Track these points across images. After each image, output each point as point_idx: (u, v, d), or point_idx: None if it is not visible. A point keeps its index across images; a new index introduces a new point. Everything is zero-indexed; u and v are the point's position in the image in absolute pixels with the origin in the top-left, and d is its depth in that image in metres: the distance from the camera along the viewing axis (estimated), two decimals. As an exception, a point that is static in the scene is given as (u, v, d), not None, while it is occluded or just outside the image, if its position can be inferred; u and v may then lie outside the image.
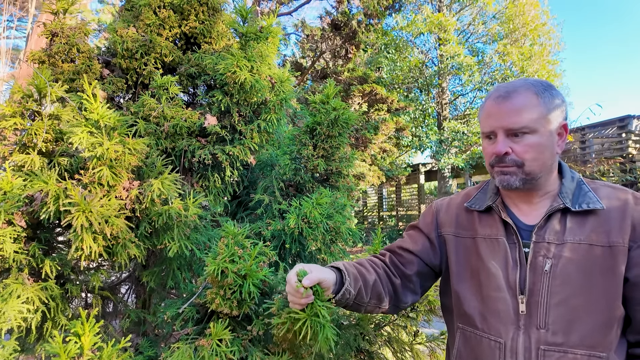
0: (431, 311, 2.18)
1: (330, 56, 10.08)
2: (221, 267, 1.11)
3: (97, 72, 1.64)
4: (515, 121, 0.88)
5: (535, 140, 0.89)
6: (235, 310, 1.15)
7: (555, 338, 0.85)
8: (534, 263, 0.89)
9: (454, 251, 1.03)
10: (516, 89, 0.91)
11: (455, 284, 1.01)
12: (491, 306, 0.92)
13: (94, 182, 1.21)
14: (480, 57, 11.31)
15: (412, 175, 12.30)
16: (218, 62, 1.69)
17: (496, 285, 0.92)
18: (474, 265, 0.98)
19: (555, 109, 0.91)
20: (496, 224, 0.97)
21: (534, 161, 0.89)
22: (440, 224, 1.08)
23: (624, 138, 7.03)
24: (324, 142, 1.72)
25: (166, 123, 1.59)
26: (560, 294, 0.86)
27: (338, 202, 1.58)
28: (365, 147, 9.50)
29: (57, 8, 1.66)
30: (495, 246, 0.95)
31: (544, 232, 0.90)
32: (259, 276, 1.15)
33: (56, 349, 0.97)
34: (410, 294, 1.07)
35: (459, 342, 1.00)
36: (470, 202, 1.04)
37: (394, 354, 2.09)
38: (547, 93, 0.91)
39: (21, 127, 1.31)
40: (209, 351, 1.08)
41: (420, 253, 1.07)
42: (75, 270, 1.40)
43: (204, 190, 1.73)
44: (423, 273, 1.08)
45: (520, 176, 0.90)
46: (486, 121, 0.94)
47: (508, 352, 0.88)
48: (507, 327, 0.89)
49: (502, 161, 0.91)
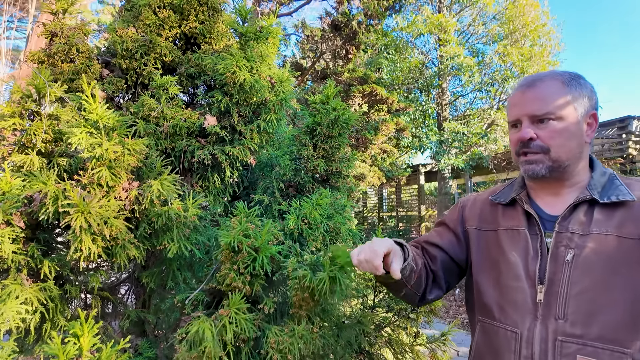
0: (432, 312, 2.17)
1: (330, 57, 10.08)
2: (236, 240, 1.14)
3: (96, 72, 1.64)
4: (539, 107, 0.87)
5: (561, 126, 0.87)
6: (247, 286, 1.17)
7: (574, 329, 0.82)
8: (555, 253, 0.87)
9: (475, 243, 1.02)
10: (541, 77, 0.91)
11: (476, 275, 1.00)
12: (508, 296, 0.91)
13: (93, 183, 1.21)
14: (481, 58, 11.31)
15: (412, 175, 12.29)
16: (218, 62, 1.69)
17: (515, 275, 0.90)
18: (494, 257, 0.97)
19: (582, 97, 0.89)
20: (518, 216, 0.95)
21: (560, 147, 0.87)
22: (465, 219, 1.08)
23: (624, 139, 7.02)
24: (324, 143, 1.71)
25: (166, 123, 1.59)
26: (581, 284, 0.83)
27: (338, 202, 1.57)
28: (366, 147, 9.50)
29: (56, 8, 1.66)
30: (516, 237, 0.93)
31: (567, 223, 0.88)
32: (271, 250, 1.19)
33: (55, 350, 0.97)
34: (436, 289, 1.06)
35: (478, 335, 0.98)
36: (496, 195, 1.03)
37: (394, 355, 2.08)
38: (574, 82, 0.90)
39: (20, 127, 1.30)
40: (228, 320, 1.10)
41: (446, 247, 1.07)
42: (74, 271, 1.40)
43: (204, 190, 1.72)
44: (448, 268, 1.07)
45: (547, 163, 0.88)
46: (511, 110, 0.94)
47: (524, 342, 0.86)
48: (524, 317, 0.87)
49: (527, 147, 0.90)
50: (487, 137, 9.85)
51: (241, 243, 1.16)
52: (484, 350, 0.96)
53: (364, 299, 2.27)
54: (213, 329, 1.09)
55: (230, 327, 1.10)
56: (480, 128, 10.25)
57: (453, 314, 6.06)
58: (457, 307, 6.23)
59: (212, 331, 1.07)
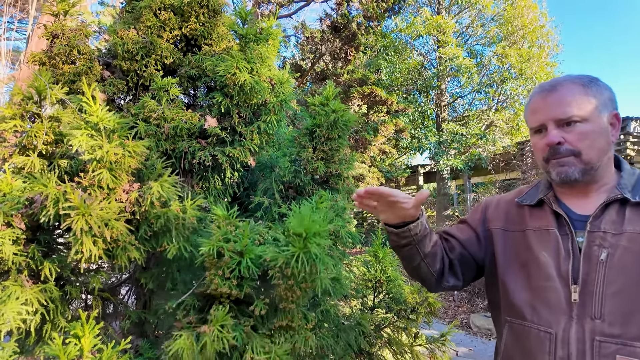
0: (431, 313, 2.18)
1: (330, 58, 10.10)
2: (216, 246, 1.11)
3: (97, 74, 1.65)
4: (564, 111, 0.87)
5: (588, 128, 0.87)
6: (235, 290, 1.15)
7: (612, 329, 0.80)
8: (588, 253, 0.85)
9: (501, 244, 1.01)
10: (560, 82, 0.91)
11: (502, 275, 0.99)
12: (541, 296, 0.89)
13: (94, 185, 1.21)
14: (479, 59, 11.34)
15: (411, 176, 12.31)
16: (218, 63, 1.69)
17: (546, 275, 0.89)
18: (523, 257, 0.95)
19: (603, 98, 0.89)
20: (547, 216, 0.94)
21: (590, 149, 0.87)
22: (489, 220, 1.07)
23: (622, 140, 7.04)
24: (323, 145, 1.72)
25: (166, 125, 1.59)
26: (617, 283, 0.82)
27: (338, 205, 1.58)
28: (365, 148, 9.51)
29: (57, 10, 1.66)
30: (546, 237, 0.92)
31: (599, 222, 0.87)
32: (255, 252, 1.15)
33: (56, 351, 0.97)
34: (453, 277, 1.06)
35: (507, 336, 0.96)
36: (522, 197, 1.02)
37: (394, 356, 2.08)
38: (593, 84, 0.90)
39: (21, 129, 1.31)
40: (211, 337, 1.08)
41: (464, 241, 1.07)
42: (75, 272, 1.40)
43: (204, 191, 1.72)
44: (465, 261, 1.07)
45: (579, 166, 0.87)
46: (533, 116, 0.93)
47: (559, 343, 0.84)
48: (559, 317, 0.86)
49: (556, 152, 0.89)
50: (485, 138, 9.87)
51: (222, 248, 1.12)
52: (514, 352, 0.94)
53: (364, 299, 2.28)
54: (194, 346, 1.08)
55: (213, 345, 1.08)
56: (478, 129, 10.28)
57: (452, 314, 6.07)
58: (456, 308, 6.23)
59: (195, 349, 1.07)
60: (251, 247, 1.15)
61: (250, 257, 1.14)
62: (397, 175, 10.77)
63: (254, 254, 1.15)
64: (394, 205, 0.92)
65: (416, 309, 2.13)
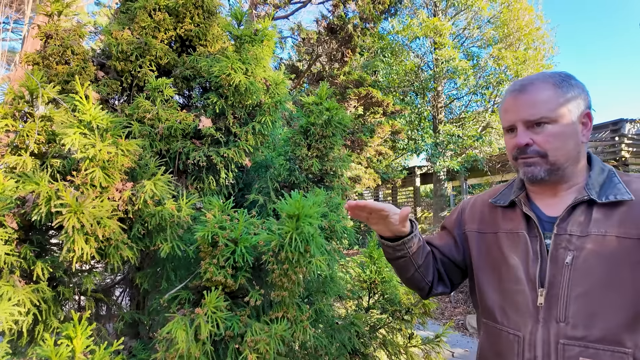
0: (426, 314, 2.18)
1: (326, 59, 10.11)
2: (211, 232, 1.12)
3: (91, 74, 1.64)
4: (533, 112, 0.88)
5: (556, 130, 0.87)
6: (230, 280, 1.15)
7: (575, 332, 0.82)
8: (555, 255, 0.86)
9: (476, 247, 1.03)
10: (532, 81, 0.91)
11: (477, 277, 1.01)
12: (510, 299, 0.91)
13: (87, 184, 1.21)
14: (475, 61, 11.39)
15: (408, 178, 12.33)
16: (213, 64, 1.69)
17: (515, 278, 0.90)
18: (495, 260, 0.97)
19: (575, 98, 0.89)
20: (518, 218, 0.96)
21: (557, 151, 0.88)
22: (464, 222, 1.09)
23: (617, 142, 7.09)
24: (318, 143, 1.72)
25: (161, 125, 1.59)
26: (581, 286, 0.82)
27: (332, 200, 1.58)
28: (361, 150, 9.52)
29: (51, 10, 1.66)
30: (516, 239, 0.94)
31: (566, 224, 0.87)
32: (250, 241, 1.15)
33: (48, 352, 0.96)
34: (441, 285, 1.09)
35: (482, 337, 0.99)
36: (496, 198, 1.04)
37: (388, 357, 2.08)
38: (566, 83, 0.90)
39: (13, 128, 1.30)
40: (204, 319, 1.08)
41: (443, 249, 1.10)
42: (67, 273, 1.39)
43: (199, 192, 1.72)
44: (449, 268, 1.09)
45: (545, 167, 0.88)
46: (505, 116, 0.94)
47: (527, 346, 0.86)
48: (526, 320, 0.87)
49: (523, 152, 0.90)
50: (482, 139, 9.91)
51: (217, 235, 1.13)
52: (488, 353, 0.96)
53: (359, 300, 2.28)
54: (188, 329, 1.08)
55: (206, 326, 1.08)
56: (475, 130, 10.31)
57: (448, 315, 6.07)
58: (452, 309, 6.24)
59: (187, 331, 1.07)
60: (246, 236, 1.17)
61: (244, 245, 1.15)
62: (393, 176, 10.79)
63: (249, 242, 1.16)
64: (386, 219, 0.94)
65: (411, 310, 2.13)
